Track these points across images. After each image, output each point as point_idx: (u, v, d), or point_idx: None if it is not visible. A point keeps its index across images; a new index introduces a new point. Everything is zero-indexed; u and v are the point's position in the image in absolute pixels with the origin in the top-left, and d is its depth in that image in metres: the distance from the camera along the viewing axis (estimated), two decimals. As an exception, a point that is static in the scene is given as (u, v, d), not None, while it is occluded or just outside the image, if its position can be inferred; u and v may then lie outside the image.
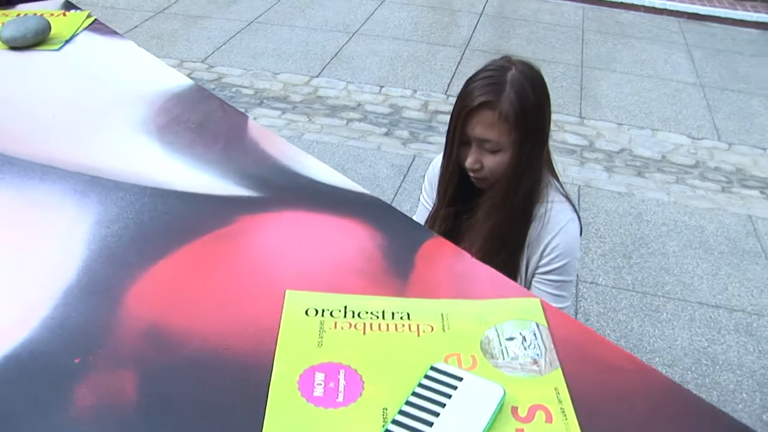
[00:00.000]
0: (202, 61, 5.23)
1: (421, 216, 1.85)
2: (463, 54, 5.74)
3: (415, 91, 5.09)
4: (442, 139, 5.33)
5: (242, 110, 4.64)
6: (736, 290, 3.40)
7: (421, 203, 1.85)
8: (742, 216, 3.98)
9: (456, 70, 5.46)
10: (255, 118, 4.48)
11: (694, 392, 2.68)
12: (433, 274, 0.92)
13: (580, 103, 5.12)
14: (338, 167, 4.04)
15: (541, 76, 1.54)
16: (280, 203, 1.02)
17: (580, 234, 1.66)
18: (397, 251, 0.94)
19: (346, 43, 5.72)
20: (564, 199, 1.64)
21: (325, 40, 5.74)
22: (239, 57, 5.34)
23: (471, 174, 1.56)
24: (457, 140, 1.53)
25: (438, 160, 1.79)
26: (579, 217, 1.65)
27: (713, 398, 2.80)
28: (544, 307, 0.88)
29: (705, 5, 6.99)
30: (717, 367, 2.95)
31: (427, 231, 1.02)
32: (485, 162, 1.52)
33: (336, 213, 1.00)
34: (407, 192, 3.92)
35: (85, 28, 1.65)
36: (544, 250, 1.60)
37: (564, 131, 4.76)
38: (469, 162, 1.53)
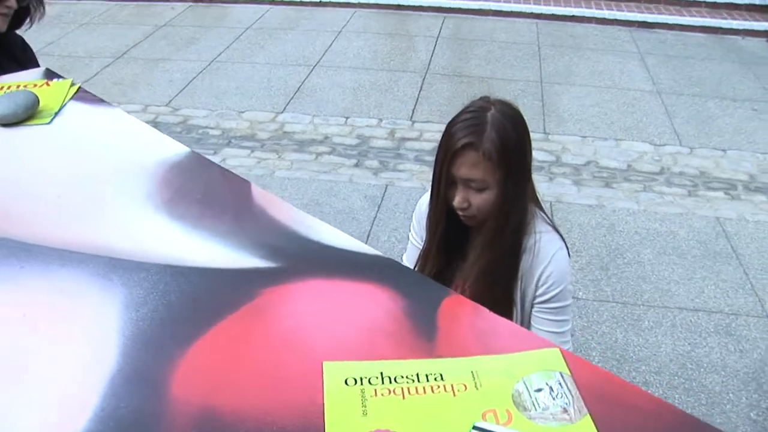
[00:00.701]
0: (166, 105, 5.25)
1: (411, 255, 1.90)
2: (424, 78, 5.84)
3: (381, 119, 5.16)
4: (412, 167, 5.38)
5: (211, 151, 4.70)
6: (712, 292, 3.50)
7: (410, 242, 1.90)
8: (711, 218, 4.11)
9: (419, 95, 5.54)
10: (224, 159, 4.51)
11: (683, 397, 2.75)
12: (457, 331, 0.96)
13: (544, 119, 5.23)
14: (312, 203, 4.09)
15: (519, 114, 1.61)
16: (299, 272, 1.05)
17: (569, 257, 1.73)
18: (420, 312, 0.98)
19: (307, 76, 5.79)
20: (551, 228, 1.70)
21: (286, 75, 5.79)
22: (203, 98, 5.37)
23: (459, 213, 1.61)
24: (443, 181, 1.59)
25: (425, 199, 1.84)
26: (566, 244, 1.72)
27: (702, 401, 2.88)
28: (564, 355, 0.93)
29: (653, 13, 7.19)
30: (702, 370, 3.03)
31: (444, 289, 1.06)
32: (472, 200, 1.58)
33: (355, 278, 1.04)
34: (383, 222, 3.97)
35: (71, 98, 1.68)
36: (538, 280, 1.66)
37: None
38: (457, 201, 1.58)
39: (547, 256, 1.65)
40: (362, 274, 1.04)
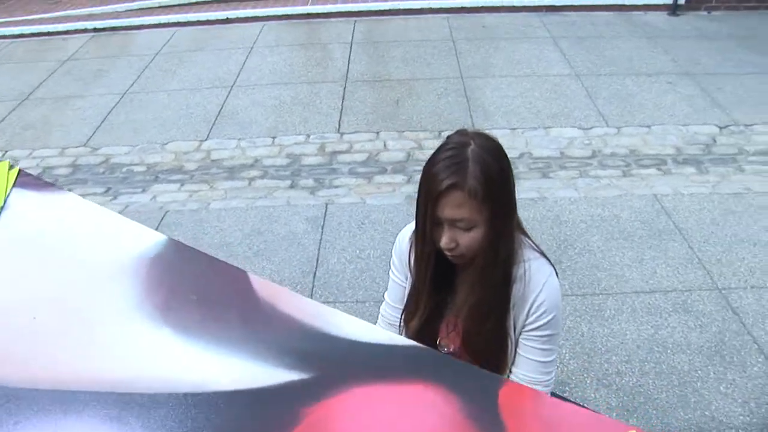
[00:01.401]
0: (83, 145, 5.02)
1: (395, 292, 1.84)
2: (344, 87, 5.76)
3: (308, 135, 5.06)
4: (348, 181, 5.29)
5: (139, 190, 4.52)
6: (663, 272, 3.56)
7: (392, 281, 1.84)
8: (648, 196, 4.18)
9: (342, 105, 5.47)
10: (154, 197, 4.35)
11: (656, 382, 2.76)
12: (527, 428, 0.89)
13: (471, 115, 5.24)
14: (254, 232, 3.98)
15: (499, 145, 1.56)
16: (337, 382, 0.93)
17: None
18: (482, 411, 0.90)
19: (226, 98, 5.63)
20: (538, 254, 1.67)
21: (204, 100, 5.63)
22: (121, 133, 5.16)
23: (448, 253, 1.56)
24: (429, 223, 1.53)
25: (404, 235, 1.78)
26: (555, 269, 1.69)
27: (674, 383, 2.91)
28: None
29: (557, -4, 7.29)
30: (669, 352, 3.07)
31: (494, 377, 0.98)
32: (460, 240, 1.53)
33: (398, 378, 0.94)
34: (329, 244, 3.89)
35: (13, 185, 1.52)
36: (530, 308, 1.63)
37: (462, 146, 4.85)
38: (444, 242, 1.53)
39: (538, 284, 1.61)
40: (404, 372, 0.95)
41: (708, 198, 4.11)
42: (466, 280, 1.63)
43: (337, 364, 0.97)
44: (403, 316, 1.77)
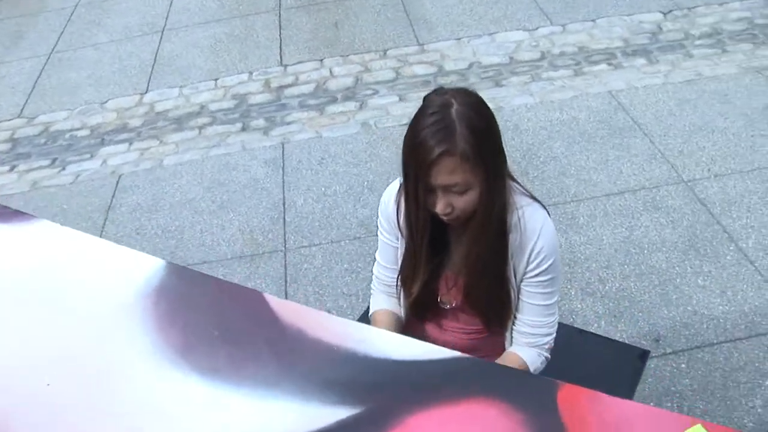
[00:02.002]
0: (18, 116, 4.77)
1: (387, 253, 1.81)
2: (280, 16, 5.55)
3: (251, 72, 4.89)
4: (300, 115, 5.13)
5: (87, 155, 4.34)
6: (629, 170, 3.58)
7: (383, 243, 1.80)
8: (604, 94, 4.17)
9: (281, 35, 5.28)
10: (105, 161, 4.20)
11: (637, 284, 2.81)
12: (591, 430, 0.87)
13: (413, 29, 5.11)
14: (214, 183, 3.89)
15: (480, 98, 1.51)
16: (391, 412, 0.88)
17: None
18: (545, 422, 0.87)
19: (159, 44, 5.38)
20: (530, 199, 1.65)
21: (137, 49, 5.36)
22: (56, 97, 4.91)
23: (444, 218, 1.53)
24: (421, 191, 1.49)
25: (389, 195, 1.73)
26: (548, 211, 1.68)
27: (655, 282, 2.98)
28: (707, 428, 0.87)
29: None
30: (646, 252, 3.13)
31: (548, 381, 0.95)
32: (456, 204, 1.50)
33: (452, 398, 0.90)
34: (293, 185, 3.82)
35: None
36: (529, 256, 1.62)
37: (410, 64, 4.75)
38: (440, 208, 1.50)
39: (535, 231, 1.60)
40: (457, 389, 0.91)
41: (662, 89, 4.11)
42: (463, 237, 1.61)
43: (386, 392, 0.92)
44: (399, 280, 1.75)
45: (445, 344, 1.84)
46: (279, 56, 5.04)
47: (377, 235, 1.84)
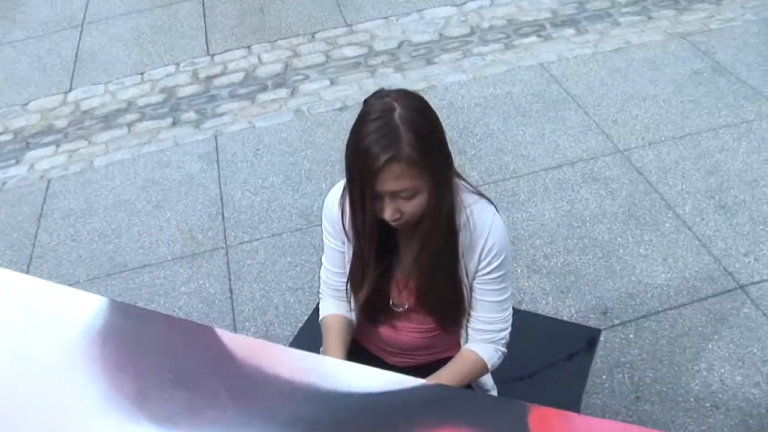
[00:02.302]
0: (-68, 123, 4.54)
1: (333, 258, 1.76)
2: (203, 3, 5.40)
3: (178, 64, 4.75)
4: (231, 106, 5.02)
5: (12, 161, 4.16)
6: (566, 143, 3.61)
7: (328, 247, 1.76)
8: (535, 67, 4.18)
9: (205, 23, 5.14)
10: (32, 166, 4.03)
11: (581, 258, 2.83)
12: None
13: (341, 11, 5.03)
14: (148, 182, 3.77)
15: (422, 99, 1.48)
16: None
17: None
18: None
19: (80, 39, 5.17)
20: (478, 197, 1.63)
21: (56, 45, 5.14)
22: (-28, 101, 4.69)
23: (393, 224, 1.50)
24: (368, 198, 1.45)
25: (331, 200, 1.69)
26: (495, 206, 1.66)
27: (598, 254, 3.01)
28: None
29: None
30: (588, 224, 3.16)
31: (516, 403, 0.94)
32: (404, 209, 1.46)
33: (423, 428, 0.87)
34: (230, 179, 3.73)
35: None
36: (480, 254, 1.60)
37: (339, 46, 4.69)
38: (388, 215, 1.46)
39: (484, 229, 1.58)
40: (427, 418, 0.87)
41: (592, 58, 4.15)
42: (412, 241, 1.59)
43: (353, 428, 0.89)
44: (349, 285, 1.72)
45: (400, 345, 1.83)
46: (205, 45, 4.91)
47: (321, 232, 1.79)
